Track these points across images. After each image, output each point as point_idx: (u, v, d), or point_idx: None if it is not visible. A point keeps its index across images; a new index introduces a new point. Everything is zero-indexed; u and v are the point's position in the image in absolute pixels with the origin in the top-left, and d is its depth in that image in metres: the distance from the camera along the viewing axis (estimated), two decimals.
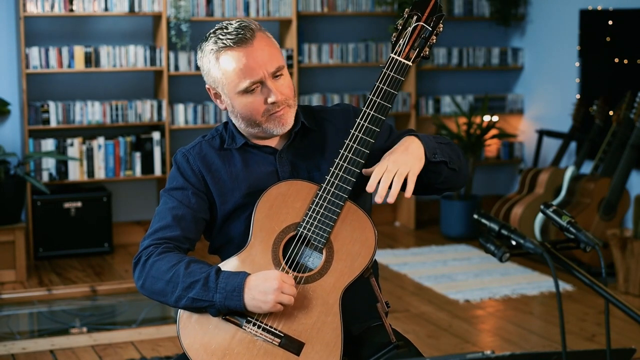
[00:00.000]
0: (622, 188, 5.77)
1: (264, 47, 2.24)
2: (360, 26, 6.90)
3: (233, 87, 2.25)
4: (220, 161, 2.33)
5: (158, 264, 2.21)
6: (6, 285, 5.40)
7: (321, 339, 2.16)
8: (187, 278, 2.16)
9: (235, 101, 2.27)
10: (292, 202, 2.22)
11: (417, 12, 2.25)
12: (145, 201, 6.50)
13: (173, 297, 2.18)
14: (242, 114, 2.28)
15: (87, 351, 4.42)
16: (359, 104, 6.78)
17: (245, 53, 2.22)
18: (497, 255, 1.75)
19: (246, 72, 2.22)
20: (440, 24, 2.24)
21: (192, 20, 6.26)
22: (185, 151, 2.36)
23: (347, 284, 2.18)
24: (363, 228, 2.21)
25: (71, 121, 6.03)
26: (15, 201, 5.60)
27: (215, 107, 6.34)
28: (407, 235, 6.67)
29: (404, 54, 2.25)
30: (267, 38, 2.27)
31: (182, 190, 2.31)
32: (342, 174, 2.20)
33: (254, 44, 2.23)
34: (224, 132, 2.38)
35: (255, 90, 2.24)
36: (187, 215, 2.29)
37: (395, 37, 2.26)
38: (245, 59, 2.22)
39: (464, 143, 6.77)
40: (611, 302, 1.71)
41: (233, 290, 2.13)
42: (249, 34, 2.23)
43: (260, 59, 2.22)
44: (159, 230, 2.28)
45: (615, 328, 4.56)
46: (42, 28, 6.13)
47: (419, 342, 4.49)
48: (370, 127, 2.22)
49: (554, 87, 6.91)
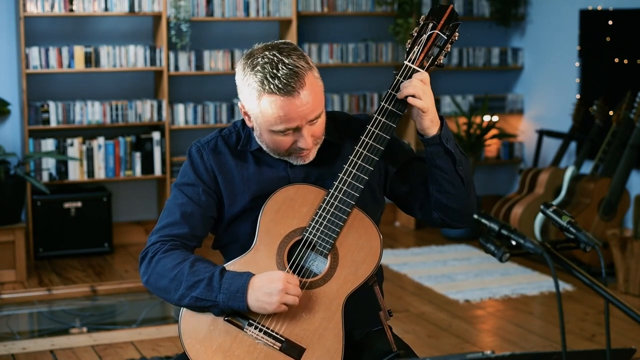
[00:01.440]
0: (622, 188, 5.77)
1: (309, 97, 2.16)
2: (360, 26, 6.90)
3: (267, 125, 2.20)
4: (233, 162, 2.30)
5: (163, 261, 2.20)
6: (6, 285, 5.40)
7: (322, 345, 2.16)
8: (191, 277, 2.16)
9: (265, 134, 2.23)
10: (299, 206, 2.21)
11: (433, 20, 2.21)
12: (145, 201, 6.50)
13: (176, 295, 2.17)
14: (267, 144, 2.25)
15: (87, 351, 4.42)
16: (359, 103, 6.78)
17: (288, 103, 2.14)
18: (497, 255, 1.75)
19: (284, 119, 2.16)
20: (455, 32, 2.21)
21: (192, 20, 6.25)
22: (200, 145, 2.33)
23: (350, 291, 2.18)
24: (369, 236, 2.20)
25: (71, 121, 6.03)
26: (15, 201, 5.60)
27: (215, 107, 6.34)
28: (407, 235, 6.67)
29: (417, 61, 2.21)
30: (314, 82, 2.18)
31: (192, 186, 2.29)
32: (350, 180, 2.18)
33: (300, 95, 2.14)
34: (241, 131, 2.34)
35: (288, 133, 2.20)
36: (196, 212, 2.27)
37: (410, 44, 2.22)
38: (288, 109, 2.15)
39: (463, 143, 6.77)
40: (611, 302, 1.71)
41: (237, 291, 2.12)
42: (299, 83, 2.14)
43: (301, 111, 2.16)
44: (167, 227, 2.27)
45: (615, 328, 4.56)
46: (42, 28, 6.13)
47: (419, 342, 4.49)
48: (380, 134, 2.20)
49: (554, 87, 6.91)
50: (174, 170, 6.26)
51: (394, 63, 6.83)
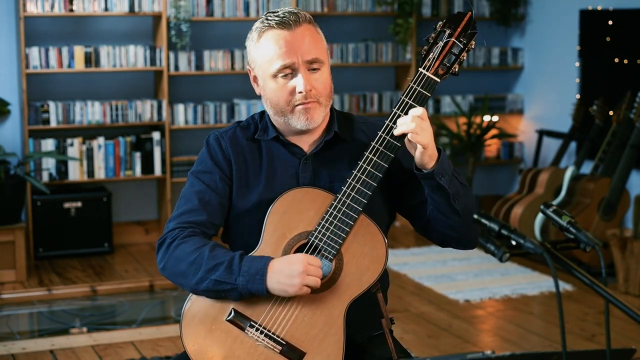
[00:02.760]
0: (622, 188, 5.77)
1: (306, 35, 2.22)
2: (360, 26, 6.90)
3: (267, 68, 2.23)
4: (249, 154, 2.31)
5: (183, 246, 2.20)
6: (6, 285, 5.40)
7: (322, 350, 2.16)
8: (210, 260, 2.15)
9: (267, 84, 2.25)
10: (306, 210, 2.20)
11: (450, 27, 2.18)
12: (145, 201, 6.50)
13: (195, 279, 2.16)
14: (271, 100, 2.25)
15: (87, 351, 4.42)
16: (359, 103, 6.78)
17: (284, 35, 2.21)
18: (497, 255, 1.75)
19: (280, 54, 2.20)
20: (472, 40, 2.18)
21: (192, 20, 6.25)
22: (219, 134, 2.34)
23: (353, 298, 2.17)
24: (375, 243, 2.18)
25: (71, 121, 6.03)
26: (15, 201, 5.60)
27: (215, 107, 6.34)
28: (407, 235, 6.67)
29: (432, 69, 2.18)
30: (313, 30, 2.25)
31: (209, 174, 2.29)
32: (359, 185, 2.17)
33: (296, 30, 2.21)
34: (259, 122, 2.35)
35: (287, 77, 2.22)
36: (214, 200, 2.27)
37: (426, 51, 2.19)
38: (283, 41, 2.20)
39: (464, 143, 6.78)
40: (611, 302, 1.71)
41: (256, 273, 2.12)
42: (295, 19, 2.22)
43: (297, 44, 2.20)
44: (185, 214, 2.26)
45: (615, 328, 4.56)
46: (42, 28, 6.13)
47: (419, 342, 4.49)
48: (392, 140, 2.17)
49: (554, 87, 6.91)
50: (174, 170, 6.26)
51: (394, 63, 6.83)
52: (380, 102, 6.83)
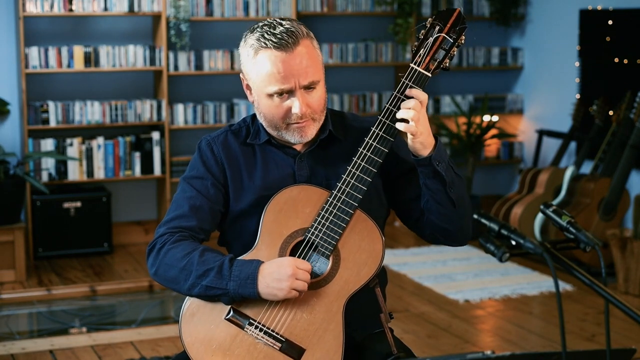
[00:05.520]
0: (622, 188, 5.77)
1: (304, 57, 2.20)
2: (360, 26, 6.90)
3: (262, 87, 2.22)
4: (242, 157, 2.32)
5: (172, 251, 2.20)
6: (6, 285, 5.40)
7: (322, 346, 2.16)
8: (201, 266, 2.16)
9: (262, 100, 2.25)
10: (302, 207, 2.21)
11: (440, 23, 2.20)
12: (144, 201, 6.50)
13: (186, 285, 2.17)
14: (265, 115, 2.26)
15: (86, 351, 4.41)
16: (359, 103, 6.78)
17: (282, 58, 2.18)
18: (497, 255, 1.75)
19: (278, 78, 2.19)
20: (462, 35, 2.20)
21: (191, 20, 6.25)
22: (211, 139, 2.34)
23: (351, 293, 2.18)
24: (372, 238, 2.19)
25: (71, 121, 6.03)
26: (15, 201, 5.60)
27: (214, 107, 6.34)
28: (407, 235, 6.67)
29: (423, 64, 2.20)
30: (310, 46, 2.24)
31: (201, 179, 2.30)
32: (354, 181, 2.18)
33: (294, 52, 2.19)
34: (250, 125, 2.36)
35: (283, 97, 2.22)
36: (205, 206, 2.28)
37: (416, 47, 2.21)
38: (281, 65, 2.19)
39: (463, 143, 6.78)
40: (611, 302, 1.71)
41: (247, 278, 2.12)
42: (292, 40, 2.19)
43: (295, 69, 2.19)
44: (175, 219, 2.27)
45: (615, 328, 4.55)
46: (42, 28, 6.12)
47: (419, 342, 4.49)
48: (384, 136, 2.19)
49: (554, 87, 6.91)
50: (174, 170, 6.26)
51: (393, 63, 6.83)
52: (380, 102, 6.82)
